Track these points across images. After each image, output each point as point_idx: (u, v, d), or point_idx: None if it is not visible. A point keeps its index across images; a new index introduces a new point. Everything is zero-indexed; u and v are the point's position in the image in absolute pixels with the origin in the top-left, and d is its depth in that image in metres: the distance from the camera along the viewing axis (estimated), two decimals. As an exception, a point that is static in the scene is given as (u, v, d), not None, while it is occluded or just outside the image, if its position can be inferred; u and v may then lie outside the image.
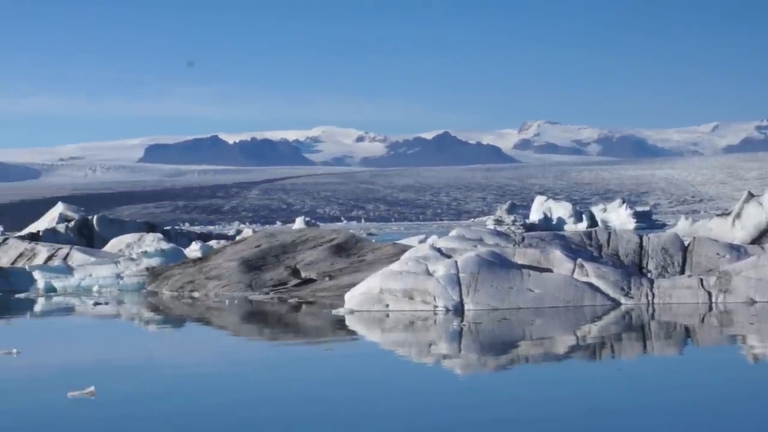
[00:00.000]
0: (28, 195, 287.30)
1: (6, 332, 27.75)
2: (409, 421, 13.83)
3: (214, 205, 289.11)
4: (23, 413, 14.70)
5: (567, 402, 15.07)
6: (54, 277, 40.24)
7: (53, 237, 52.87)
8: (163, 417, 14.31)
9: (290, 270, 36.96)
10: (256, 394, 16.22)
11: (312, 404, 15.12)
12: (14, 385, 17.18)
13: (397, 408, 14.79)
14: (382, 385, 17.12)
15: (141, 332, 27.29)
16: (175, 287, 37.73)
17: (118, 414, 14.44)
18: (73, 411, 14.57)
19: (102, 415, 14.26)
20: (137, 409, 14.86)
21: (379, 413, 14.49)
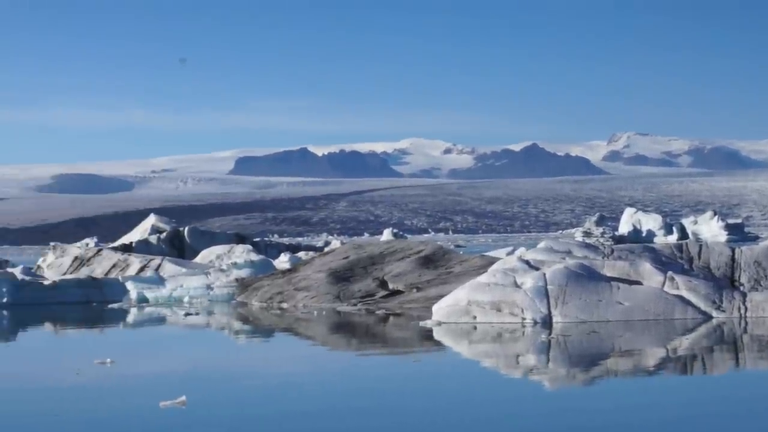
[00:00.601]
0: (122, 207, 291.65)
1: (100, 342, 28.21)
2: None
3: (302, 216, 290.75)
4: (116, 423, 14.92)
5: (658, 415, 14.92)
6: (146, 288, 40.79)
7: (145, 248, 53.58)
8: (252, 427, 14.43)
9: (378, 281, 37.05)
10: (343, 405, 16.29)
11: (399, 415, 15.14)
12: (108, 394, 17.43)
13: (484, 419, 14.76)
14: (468, 396, 17.08)
15: (231, 343, 27.55)
16: (264, 298, 38.03)
17: (208, 424, 14.60)
18: (164, 421, 14.76)
19: (193, 425, 14.43)
20: (227, 420, 15.01)
21: (466, 425, 14.47)
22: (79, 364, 20.47)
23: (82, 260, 48.98)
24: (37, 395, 17.34)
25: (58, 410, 15.64)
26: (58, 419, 15.00)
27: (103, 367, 20.38)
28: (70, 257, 49.68)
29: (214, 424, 14.63)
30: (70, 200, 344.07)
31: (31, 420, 14.99)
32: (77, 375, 19.38)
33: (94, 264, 48.19)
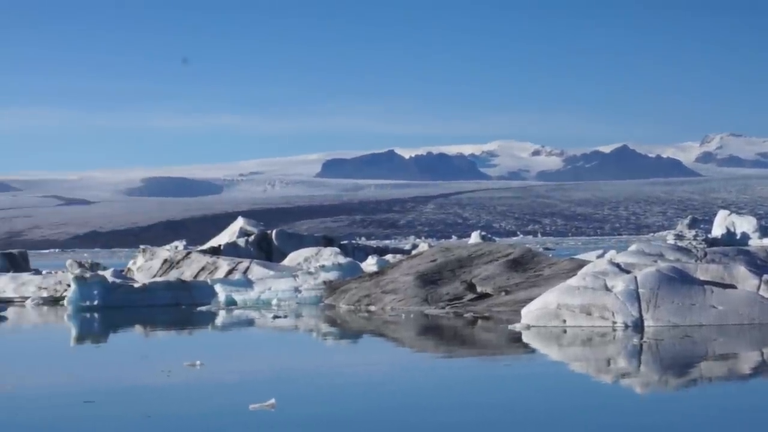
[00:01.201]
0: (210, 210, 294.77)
1: (189, 344, 28.41)
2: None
3: (390, 219, 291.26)
4: (206, 425, 14.94)
5: (752, 419, 14.57)
6: (234, 291, 41.05)
7: (234, 251, 53.93)
8: (341, 430, 14.36)
9: (466, 284, 36.85)
10: (432, 407, 16.15)
11: (489, 417, 14.97)
12: (198, 396, 17.50)
13: (576, 424, 14.53)
14: (559, 401, 16.84)
15: (319, 345, 27.56)
16: (352, 301, 38.03)
17: (297, 427, 14.56)
18: (254, 423, 14.75)
19: (282, 428, 14.39)
20: (316, 422, 14.96)
21: (557, 430, 14.26)
22: (169, 366, 20.59)
23: (171, 263, 49.45)
24: (129, 396, 17.45)
25: (149, 411, 15.72)
26: (150, 420, 15.07)
27: (192, 369, 20.48)
28: (160, 260, 50.17)
29: (303, 426, 14.58)
30: (160, 203, 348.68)
31: (122, 421, 15.07)
32: (168, 377, 19.50)
33: (183, 267, 48.61)
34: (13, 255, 56.64)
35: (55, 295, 43.51)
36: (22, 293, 44.36)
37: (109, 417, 15.45)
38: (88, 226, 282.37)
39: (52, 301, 43.06)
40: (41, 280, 45.68)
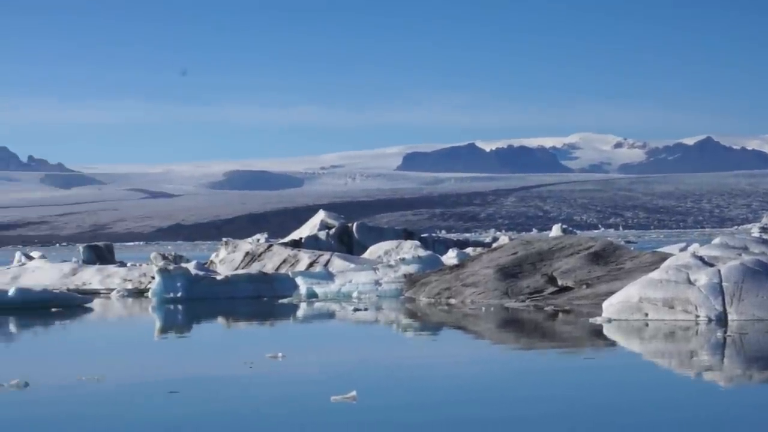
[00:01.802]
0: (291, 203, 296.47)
1: (271, 336, 28.65)
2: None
3: (470, 212, 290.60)
4: (289, 417, 15.08)
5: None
6: (315, 283, 41.29)
7: (315, 244, 54.24)
8: (422, 422, 14.41)
9: (547, 278, 36.70)
10: (513, 401, 16.14)
11: (573, 412, 14.93)
12: (280, 388, 17.65)
13: (658, 418, 14.43)
14: (643, 395, 16.73)
15: (399, 338, 27.64)
16: (432, 294, 38.07)
17: (378, 419, 14.63)
18: (335, 415, 14.86)
19: (363, 420, 14.48)
20: (397, 415, 15.03)
21: (641, 425, 14.18)
22: (251, 358, 20.79)
23: (253, 256, 49.87)
24: (212, 387, 17.66)
25: (232, 402, 15.90)
26: (233, 412, 15.24)
27: (274, 360, 20.66)
28: (242, 253, 50.62)
29: (384, 419, 14.66)
30: (242, 197, 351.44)
31: (205, 412, 15.26)
32: (250, 368, 19.69)
33: (264, 259, 49.01)
34: (99, 247, 57.52)
35: (139, 287, 44.11)
36: (108, 285, 45.03)
37: (193, 408, 15.66)
38: (172, 219, 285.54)
39: (137, 292, 43.67)
40: (126, 273, 46.33)
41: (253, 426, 14.25)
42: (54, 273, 46.56)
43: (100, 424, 14.44)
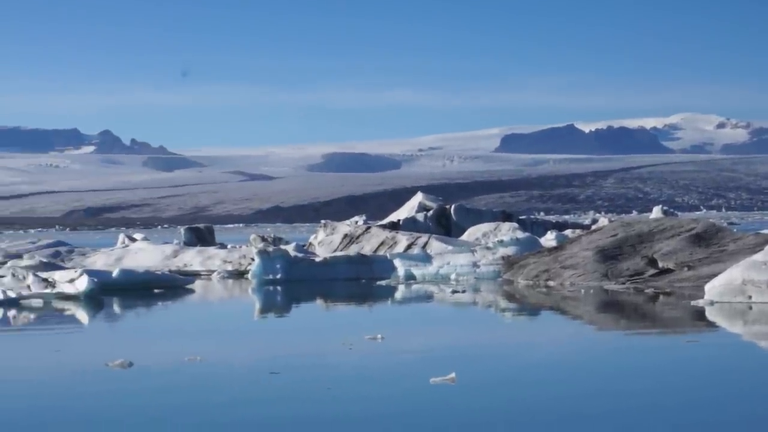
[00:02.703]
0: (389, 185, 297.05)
1: (369, 318, 28.77)
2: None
3: (569, 194, 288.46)
4: (387, 398, 15.14)
5: None
6: (413, 265, 41.34)
7: (412, 226, 54.30)
8: (521, 405, 14.36)
9: (647, 260, 36.30)
10: (614, 386, 16.01)
11: (677, 398, 14.76)
12: (379, 370, 17.72)
13: (765, 403, 14.22)
14: (749, 380, 16.48)
15: (498, 320, 27.57)
16: (531, 276, 37.89)
17: (478, 401, 14.62)
18: (434, 397, 14.88)
19: (462, 402, 14.48)
20: (496, 397, 15.01)
21: (751, 411, 13.99)
22: (350, 339, 20.91)
23: (351, 238, 50.11)
24: (312, 369, 17.78)
25: (331, 383, 16.00)
26: (333, 393, 15.34)
27: (374, 342, 20.75)
28: (340, 235, 50.89)
29: (483, 401, 14.65)
30: (340, 179, 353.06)
31: (306, 393, 15.38)
32: (350, 350, 19.80)
33: (363, 241, 49.21)
34: (199, 229, 58.28)
35: (239, 269, 44.58)
36: (208, 267, 45.59)
37: (294, 389, 15.79)
38: (271, 201, 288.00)
39: (237, 274, 44.14)
40: (226, 254, 46.85)
41: (353, 407, 14.34)
42: (156, 255, 47.27)
43: (203, 404, 14.64)
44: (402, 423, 13.35)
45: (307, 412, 14.08)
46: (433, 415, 13.73)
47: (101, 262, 46.45)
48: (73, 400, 15.24)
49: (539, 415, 13.68)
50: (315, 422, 13.40)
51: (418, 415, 13.85)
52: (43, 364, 19.08)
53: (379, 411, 14.12)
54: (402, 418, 13.61)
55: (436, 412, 13.97)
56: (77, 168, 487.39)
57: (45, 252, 48.77)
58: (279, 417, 13.81)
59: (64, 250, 49.97)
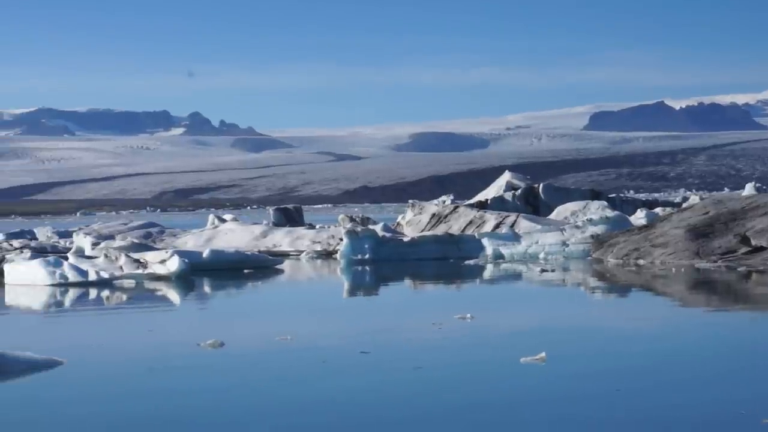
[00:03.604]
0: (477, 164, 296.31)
1: (458, 297, 28.76)
2: None
3: (659, 172, 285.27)
4: (477, 377, 15.12)
5: None
6: (501, 245, 41.19)
7: (500, 205, 54.12)
8: (612, 384, 14.26)
9: (740, 238, 35.77)
10: (708, 367, 15.82)
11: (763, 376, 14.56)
12: (468, 349, 17.70)
13: None
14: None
15: (587, 299, 27.39)
16: (620, 255, 37.56)
17: (567, 381, 14.54)
18: (524, 376, 14.84)
19: (553, 382, 14.41)
20: (587, 377, 14.91)
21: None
22: (439, 319, 20.91)
23: (439, 217, 50.09)
24: (402, 348, 17.83)
25: (419, 362, 16.01)
26: (422, 372, 15.35)
27: (463, 321, 20.73)
28: (428, 214, 50.90)
29: (573, 380, 14.57)
30: (427, 158, 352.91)
31: (396, 372, 15.42)
32: (439, 329, 19.80)
33: (450, 221, 49.17)
34: (288, 210, 58.69)
35: (327, 249, 44.79)
36: (297, 247, 45.87)
37: (384, 368, 15.84)
38: (359, 181, 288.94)
39: (325, 254, 44.36)
40: (315, 235, 47.10)
41: (443, 386, 14.34)
42: (245, 235, 47.67)
43: (294, 384, 14.75)
44: (492, 403, 13.32)
45: (397, 392, 14.11)
46: (524, 395, 13.69)
47: (192, 242, 46.97)
48: (167, 380, 15.45)
49: (630, 395, 13.57)
50: (405, 402, 13.43)
51: (509, 394, 13.82)
52: (137, 343, 19.36)
53: (469, 391, 14.10)
54: (492, 398, 13.58)
55: (526, 392, 13.92)
56: (167, 150, 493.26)
57: (136, 233, 49.45)
58: (369, 397, 13.87)
59: (155, 231, 50.62)
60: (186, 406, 13.38)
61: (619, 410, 12.74)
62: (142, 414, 12.97)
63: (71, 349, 17.87)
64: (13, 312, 27.35)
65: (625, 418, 12.25)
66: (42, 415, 13.03)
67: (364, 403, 13.49)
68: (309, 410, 12.99)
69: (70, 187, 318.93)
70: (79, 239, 44.71)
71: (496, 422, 12.27)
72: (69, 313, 26.58)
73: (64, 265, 32.65)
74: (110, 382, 15.16)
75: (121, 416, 12.87)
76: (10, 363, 15.53)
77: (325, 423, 12.33)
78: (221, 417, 12.67)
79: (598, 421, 12.26)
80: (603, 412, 12.64)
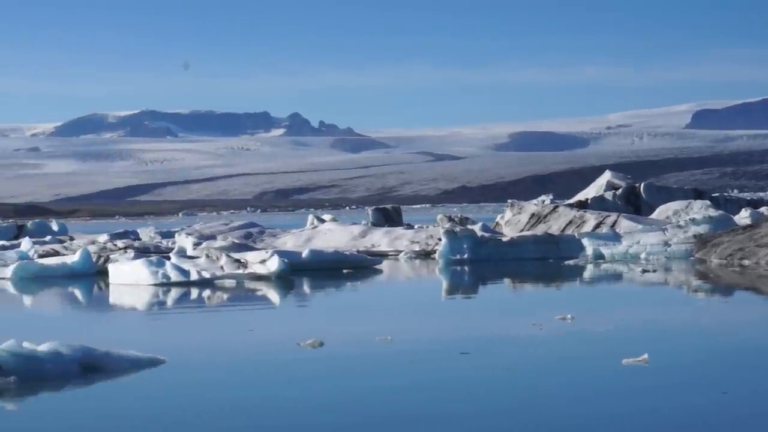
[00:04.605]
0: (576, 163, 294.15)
1: (558, 298, 28.54)
2: None
3: (764, 170, 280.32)
4: (578, 378, 14.97)
5: None
6: (602, 245, 40.76)
7: (601, 205, 53.61)
8: (716, 388, 13.99)
9: None
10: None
11: None
12: (570, 350, 17.52)
13: None
14: None
15: (690, 300, 26.98)
16: (724, 255, 36.93)
17: (669, 383, 14.31)
18: (626, 378, 14.65)
19: (655, 384, 14.18)
20: (690, 379, 14.67)
21: None
22: (539, 319, 20.74)
23: (538, 217, 49.77)
24: (502, 349, 17.70)
25: (523, 363, 15.87)
26: (524, 372, 15.23)
27: (563, 322, 20.54)
28: (527, 214, 50.61)
29: (676, 383, 14.33)
30: (526, 158, 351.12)
31: (496, 372, 15.33)
32: (540, 330, 19.63)
33: (550, 221, 48.82)
34: (387, 210, 58.79)
35: (426, 249, 44.74)
36: (396, 247, 45.90)
37: (485, 368, 15.75)
38: (457, 181, 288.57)
39: (424, 254, 44.32)
40: (413, 235, 47.09)
41: (543, 386, 14.21)
42: (344, 235, 47.85)
43: (395, 384, 14.73)
44: (594, 404, 13.17)
45: (497, 392, 14.03)
46: (626, 397, 13.50)
47: (291, 242, 47.27)
48: (267, 379, 15.54)
49: (738, 401, 13.30)
50: (505, 402, 13.33)
51: (611, 396, 13.65)
52: (238, 343, 19.52)
53: (571, 392, 13.96)
54: (594, 400, 13.43)
55: (628, 393, 13.73)
56: (267, 150, 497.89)
57: (237, 233, 49.91)
58: (469, 397, 13.79)
59: (256, 231, 51.03)
60: (286, 406, 13.43)
61: (725, 416, 12.50)
62: (241, 412, 13.06)
63: (173, 348, 18.07)
64: (117, 311, 27.81)
65: (731, 423, 12.02)
66: (145, 413, 13.19)
67: (463, 402, 13.39)
68: (411, 411, 12.96)
69: (172, 188, 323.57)
70: (181, 239, 45.28)
71: (600, 424, 12.11)
72: (171, 312, 26.92)
73: (167, 265, 33.09)
74: (211, 381, 15.29)
75: (221, 414, 12.97)
76: (115, 361, 15.77)
77: (425, 422, 12.29)
78: (322, 417, 12.70)
79: (703, 425, 12.04)
80: (709, 418, 12.41)
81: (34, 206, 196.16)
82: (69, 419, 13.13)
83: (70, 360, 15.32)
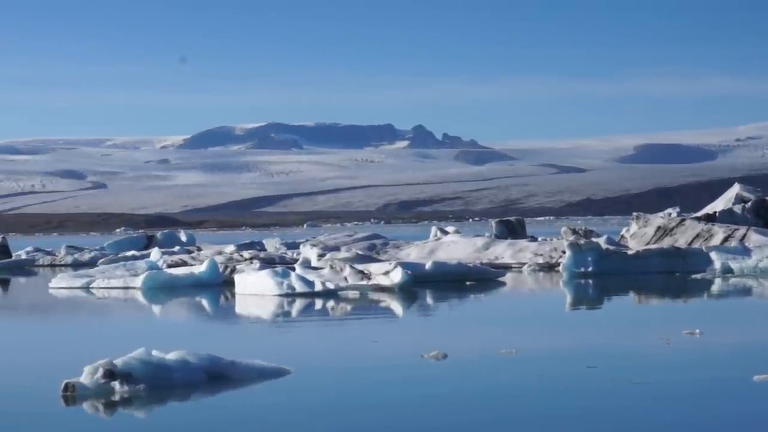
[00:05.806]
0: (704, 176, 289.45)
1: (686, 312, 28.05)
2: None
3: None
4: (706, 397, 14.70)
5: None
6: (731, 258, 39.98)
7: (729, 218, 52.57)
8: None
9: None
10: None
11: None
12: (699, 367, 17.18)
13: None
14: None
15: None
16: None
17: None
18: (758, 395, 14.34)
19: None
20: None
21: None
22: (666, 334, 20.41)
23: (665, 230, 49.01)
24: (629, 363, 17.44)
25: (648, 378, 15.61)
26: (647, 388, 15.00)
27: (691, 337, 20.18)
28: (653, 227, 49.86)
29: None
30: (652, 170, 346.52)
31: (623, 385, 15.12)
32: (668, 344, 19.32)
33: (676, 234, 48.04)
34: (510, 222, 58.50)
35: (550, 262, 44.41)
36: (519, 259, 45.65)
37: (613, 382, 15.54)
38: (582, 193, 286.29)
39: (548, 267, 43.99)
40: (537, 247, 46.79)
41: (672, 403, 13.96)
42: (468, 247, 47.75)
43: (518, 397, 14.64)
44: (725, 421, 12.90)
45: (625, 405, 13.83)
46: (759, 415, 13.20)
47: (414, 254, 47.34)
48: (391, 391, 15.55)
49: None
50: (632, 416, 13.14)
51: (742, 413, 13.36)
52: (361, 354, 19.59)
53: (698, 410, 13.70)
54: (725, 417, 13.16)
55: (761, 411, 13.42)
56: (391, 162, 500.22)
57: (361, 245, 50.18)
58: (595, 412, 13.62)
59: (379, 243, 51.24)
60: (409, 418, 13.43)
61: None
62: (367, 425, 13.09)
63: (298, 358, 18.20)
64: (243, 321, 28.16)
65: None
66: (271, 422, 13.31)
67: (589, 419, 13.24)
68: (533, 425, 12.85)
69: (297, 200, 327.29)
70: (305, 250, 45.69)
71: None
72: (296, 322, 27.15)
73: (292, 276, 33.40)
74: (336, 391, 15.36)
75: (347, 426, 13.02)
76: (241, 370, 15.97)
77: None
78: (445, 430, 12.66)
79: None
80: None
81: (163, 217, 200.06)
82: (196, 427, 13.32)
83: (197, 368, 15.55)
